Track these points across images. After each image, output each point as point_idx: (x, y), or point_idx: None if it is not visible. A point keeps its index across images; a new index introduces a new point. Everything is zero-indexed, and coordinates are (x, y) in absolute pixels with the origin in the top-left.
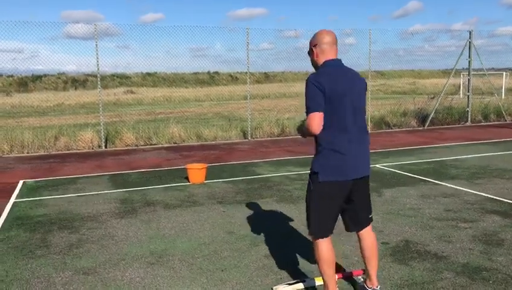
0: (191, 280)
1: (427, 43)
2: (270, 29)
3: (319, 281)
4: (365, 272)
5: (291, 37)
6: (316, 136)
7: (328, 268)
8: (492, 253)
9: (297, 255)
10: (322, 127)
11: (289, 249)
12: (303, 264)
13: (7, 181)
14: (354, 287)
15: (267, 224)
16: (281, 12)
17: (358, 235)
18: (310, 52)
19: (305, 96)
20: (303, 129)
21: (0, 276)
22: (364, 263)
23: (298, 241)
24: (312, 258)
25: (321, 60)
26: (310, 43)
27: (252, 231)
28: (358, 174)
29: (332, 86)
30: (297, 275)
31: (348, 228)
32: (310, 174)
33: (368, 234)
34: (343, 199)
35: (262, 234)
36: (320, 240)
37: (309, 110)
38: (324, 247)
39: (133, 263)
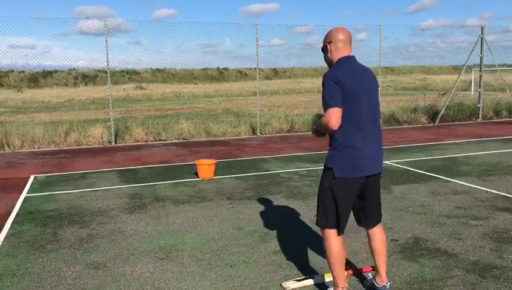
0: (200, 275)
1: (439, 38)
2: (280, 25)
3: (328, 278)
4: (374, 268)
5: (302, 33)
6: (331, 133)
7: (337, 263)
8: (503, 251)
9: (306, 251)
10: (340, 123)
11: (298, 246)
12: (312, 260)
13: (19, 176)
14: (364, 283)
15: (276, 220)
16: (293, 8)
17: (368, 233)
18: (324, 49)
19: (324, 91)
20: (318, 126)
21: (12, 270)
22: (374, 260)
23: (307, 237)
24: (321, 254)
25: (335, 57)
26: (324, 40)
27: (261, 227)
28: (371, 171)
29: (350, 84)
30: (306, 272)
31: (359, 222)
32: (323, 170)
33: (378, 232)
34: (355, 195)
35: (271, 230)
36: (330, 234)
37: (328, 105)
38: (333, 240)
39: (143, 258)
